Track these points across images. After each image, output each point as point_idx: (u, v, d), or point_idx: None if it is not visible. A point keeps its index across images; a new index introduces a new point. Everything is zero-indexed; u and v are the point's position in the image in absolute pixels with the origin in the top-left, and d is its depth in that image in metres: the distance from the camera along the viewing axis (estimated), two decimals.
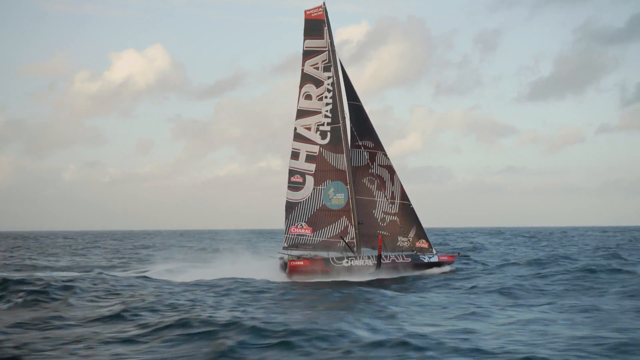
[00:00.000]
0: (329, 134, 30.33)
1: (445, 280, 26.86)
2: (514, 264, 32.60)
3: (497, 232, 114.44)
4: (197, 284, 25.30)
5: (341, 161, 30.23)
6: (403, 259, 29.50)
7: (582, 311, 17.61)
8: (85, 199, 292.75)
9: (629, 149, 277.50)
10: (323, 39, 30.65)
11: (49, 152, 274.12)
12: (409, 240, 30.27)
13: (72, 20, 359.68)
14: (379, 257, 28.84)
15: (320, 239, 29.83)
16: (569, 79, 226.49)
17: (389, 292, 22.50)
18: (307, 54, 30.76)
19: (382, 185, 30.51)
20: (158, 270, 32.58)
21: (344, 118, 30.36)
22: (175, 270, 31.97)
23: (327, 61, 30.62)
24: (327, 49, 30.63)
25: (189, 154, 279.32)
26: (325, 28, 30.61)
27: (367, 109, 31.17)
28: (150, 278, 28.38)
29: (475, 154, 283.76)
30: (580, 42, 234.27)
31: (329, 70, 30.57)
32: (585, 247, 50.48)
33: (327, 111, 30.41)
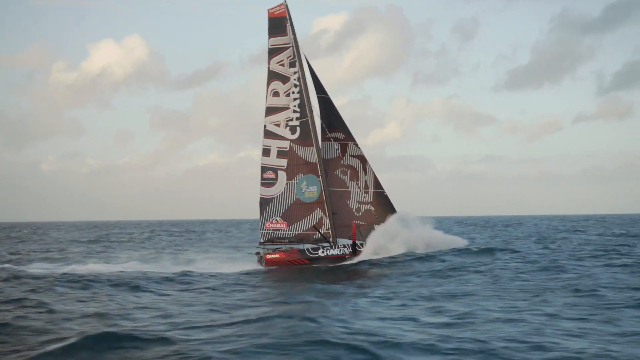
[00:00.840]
0: (298, 128, 30.59)
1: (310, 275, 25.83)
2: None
3: (459, 222, 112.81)
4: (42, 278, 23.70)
5: (312, 154, 30.46)
6: None
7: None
8: (64, 190, 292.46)
9: (607, 137, 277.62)
10: (287, 35, 30.99)
11: (28, 143, 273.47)
12: None
13: (48, 11, 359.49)
14: (353, 245, 28.98)
15: (296, 232, 30.00)
16: (546, 67, 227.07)
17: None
18: (273, 52, 31.10)
19: (355, 176, 30.70)
20: (41, 265, 31.27)
21: (311, 111, 30.62)
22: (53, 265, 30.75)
23: (292, 57, 30.94)
24: (291, 44, 30.96)
25: (168, 145, 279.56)
26: (288, 24, 30.96)
27: (346, 98, 32.49)
28: (18, 270, 27.10)
29: (455, 143, 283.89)
30: (556, 31, 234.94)
31: (295, 66, 30.88)
32: (509, 237, 49.39)
33: (295, 106, 30.69)
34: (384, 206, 30.63)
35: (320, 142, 30.74)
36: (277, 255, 28.69)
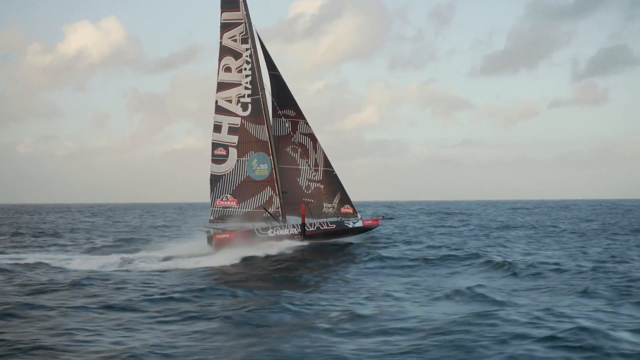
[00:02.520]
0: (249, 105, 30.60)
1: None
2: None
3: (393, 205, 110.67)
4: None
5: (263, 132, 30.57)
6: (328, 225, 30.11)
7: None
8: (41, 172, 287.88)
9: (582, 123, 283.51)
10: (239, 10, 30.74)
11: (3, 126, 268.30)
12: (333, 206, 30.90)
13: None
14: (302, 226, 29.44)
15: (246, 210, 30.28)
16: (522, 53, 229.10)
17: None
18: (225, 27, 30.84)
19: (305, 154, 30.98)
20: None
21: (263, 89, 30.64)
22: None
23: (244, 33, 30.74)
24: (243, 20, 30.73)
25: (145, 128, 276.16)
26: (241, 0, 30.66)
27: (323, 82, 32.64)
28: None
29: (432, 127, 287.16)
30: (532, 17, 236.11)
31: (247, 42, 30.72)
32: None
33: (247, 83, 30.64)
34: (333, 185, 31.08)
35: (272, 119, 30.87)
36: (227, 235, 28.99)
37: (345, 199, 31.10)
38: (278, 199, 30.38)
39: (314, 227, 29.82)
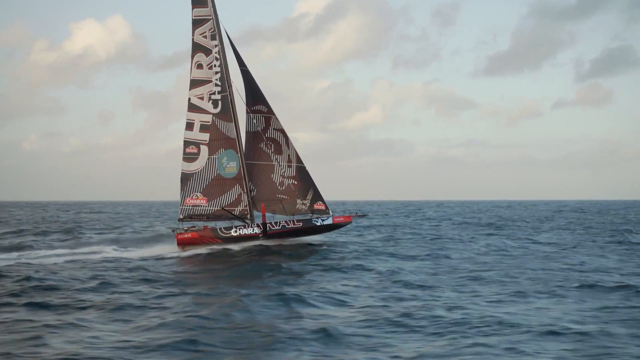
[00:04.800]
0: (220, 102, 30.47)
1: None
2: None
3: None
4: None
5: (232, 129, 30.39)
6: (294, 224, 29.71)
7: None
8: (45, 169, 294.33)
9: (586, 123, 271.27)
10: (207, 7, 30.52)
11: (8, 122, 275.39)
12: (305, 203, 30.44)
13: None
14: (264, 225, 29.20)
15: (215, 208, 30.23)
16: (526, 53, 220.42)
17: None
18: (196, 23, 30.73)
19: (278, 149, 30.60)
20: None
21: (230, 86, 30.42)
22: None
23: (213, 30, 30.56)
24: (212, 17, 30.50)
25: (150, 125, 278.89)
26: None
27: (328, 81, 32.04)
28: None
29: (435, 126, 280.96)
30: (536, 17, 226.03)
31: (215, 39, 30.52)
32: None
33: (216, 80, 30.49)
34: (306, 181, 30.64)
35: (245, 114, 30.66)
36: (189, 235, 29.13)
37: (317, 196, 30.57)
38: (247, 197, 30.19)
39: (278, 226, 29.51)
